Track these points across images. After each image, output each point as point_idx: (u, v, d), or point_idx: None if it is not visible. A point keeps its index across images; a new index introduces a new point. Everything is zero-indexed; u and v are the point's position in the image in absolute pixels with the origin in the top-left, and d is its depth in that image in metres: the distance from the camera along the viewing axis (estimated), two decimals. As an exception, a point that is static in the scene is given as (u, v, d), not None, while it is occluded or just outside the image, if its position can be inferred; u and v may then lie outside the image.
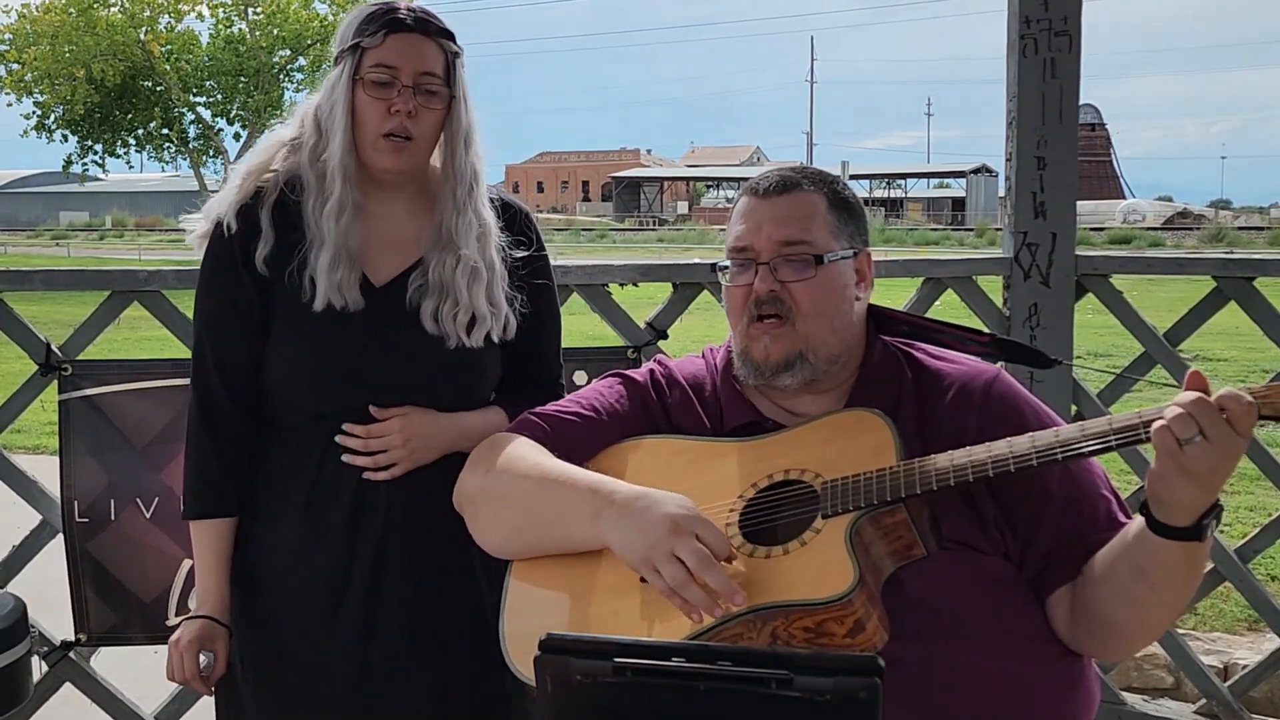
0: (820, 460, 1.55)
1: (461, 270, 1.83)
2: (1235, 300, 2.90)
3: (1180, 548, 1.37)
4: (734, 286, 1.67)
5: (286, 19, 26.34)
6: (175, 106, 27.20)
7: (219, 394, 1.86)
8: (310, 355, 1.82)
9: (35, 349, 2.62)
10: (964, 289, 3.05)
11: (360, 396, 1.83)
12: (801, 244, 1.63)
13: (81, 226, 56.05)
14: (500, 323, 1.88)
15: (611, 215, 63.41)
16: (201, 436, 1.88)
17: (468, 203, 1.85)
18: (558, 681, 1.23)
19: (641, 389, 1.78)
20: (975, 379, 1.66)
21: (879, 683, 1.14)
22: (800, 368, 1.63)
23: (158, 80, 26.36)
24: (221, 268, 1.85)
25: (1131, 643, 1.56)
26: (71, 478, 2.61)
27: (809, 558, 1.44)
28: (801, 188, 1.66)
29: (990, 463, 1.43)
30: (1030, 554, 1.55)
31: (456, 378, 1.87)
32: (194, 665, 1.86)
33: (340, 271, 1.78)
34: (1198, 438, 1.29)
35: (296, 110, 1.92)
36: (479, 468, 1.71)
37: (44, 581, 2.74)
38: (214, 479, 1.88)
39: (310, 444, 1.85)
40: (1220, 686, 3.04)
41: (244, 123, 27.34)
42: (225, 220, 1.84)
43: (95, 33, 25.04)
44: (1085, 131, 49.89)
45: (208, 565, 1.89)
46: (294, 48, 26.62)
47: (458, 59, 1.84)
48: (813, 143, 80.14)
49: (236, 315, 1.85)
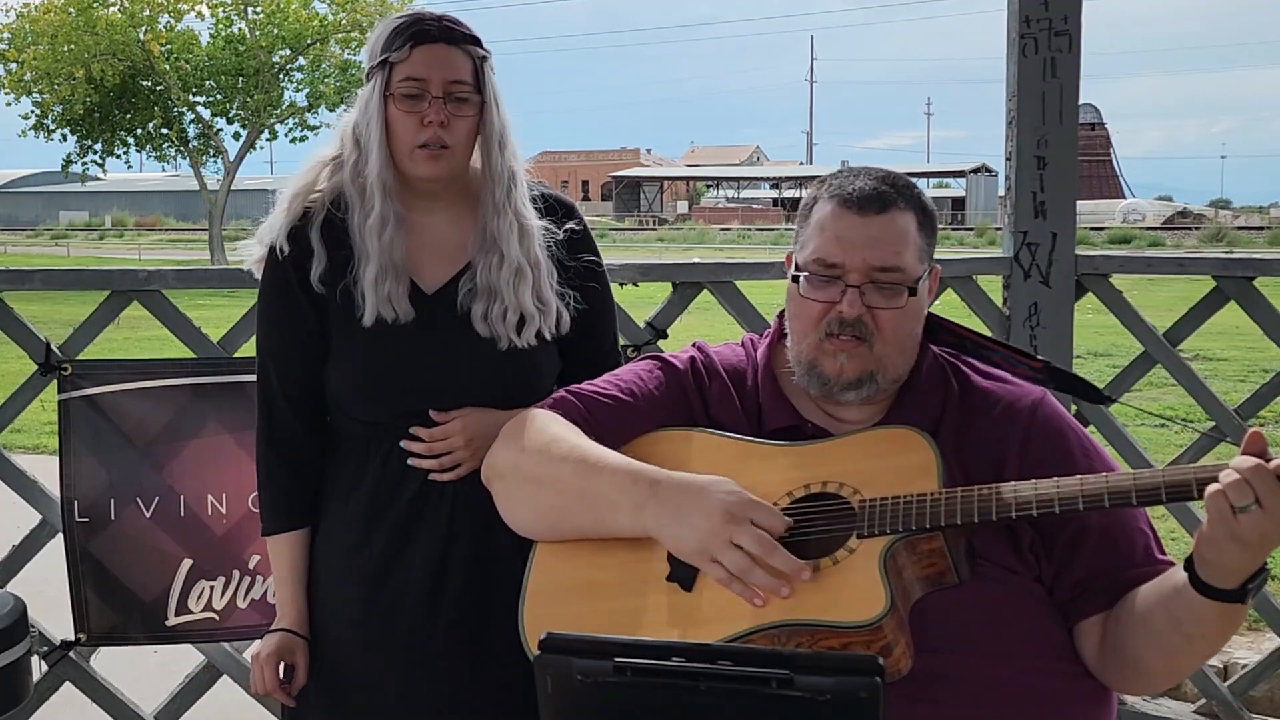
0: (860, 476, 1.51)
1: (506, 271, 1.85)
2: (1235, 300, 2.90)
3: (1221, 607, 1.36)
4: (812, 300, 1.60)
5: (286, 18, 26.28)
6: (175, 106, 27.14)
7: (284, 414, 1.92)
8: (365, 369, 1.86)
9: (35, 349, 2.62)
10: (964, 288, 3.05)
11: (418, 404, 1.86)
12: (896, 270, 1.56)
13: (81, 226, 56.05)
14: (551, 319, 1.89)
15: (611, 215, 63.37)
16: (271, 456, 1.93)
17: (506, 204, 1.87)
18: (558, 681, 1.23)
19: (681, 376, 1.73)
20: (1021, 400, 1.63)
21: (879, 682, 1.14)
22: (868, 386, 1.59)
23: (157, 80, 26.30)
24: (279, 292, 1.89)
25: (1158, 684, 1.55)
26: (71, 477, 2.61)
27: (841, 578, 1.41)
28: (897, 206, 1.59)
29: (1035, 501, 1.40)
30: (1063, 581, 1.53)
31: (511, 378, 1.88)
32: (274, 677, 1.90)
33: (388, 284, 1.82)
34: (1254, 506, 1.25)
35: (335, 128, 1.95)
36: (512, 444, 1.67)
37: (44, 581, 2.74)
38: (286, 494, 1.94)
39: (372, 451, 1.89)
40: (1220, 686, 3.04)
41: (244, 122, 27.29)
42: (277, 244, 1.87)
43: (95, 32, 24.99)
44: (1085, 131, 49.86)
45: (285, 579, 1.94)
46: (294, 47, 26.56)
47: (485, 62, 1.85)
48: (812, 142, 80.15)
49: (297, 338, 1.89)
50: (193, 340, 2.72)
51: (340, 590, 1.91)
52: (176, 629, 2.65)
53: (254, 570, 2.63)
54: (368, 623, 1.88)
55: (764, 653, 1.27)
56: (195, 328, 2.72)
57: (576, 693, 1.22)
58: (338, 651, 1.91)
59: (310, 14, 26.72)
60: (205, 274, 2.89)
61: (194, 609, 2.64)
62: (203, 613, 2.64)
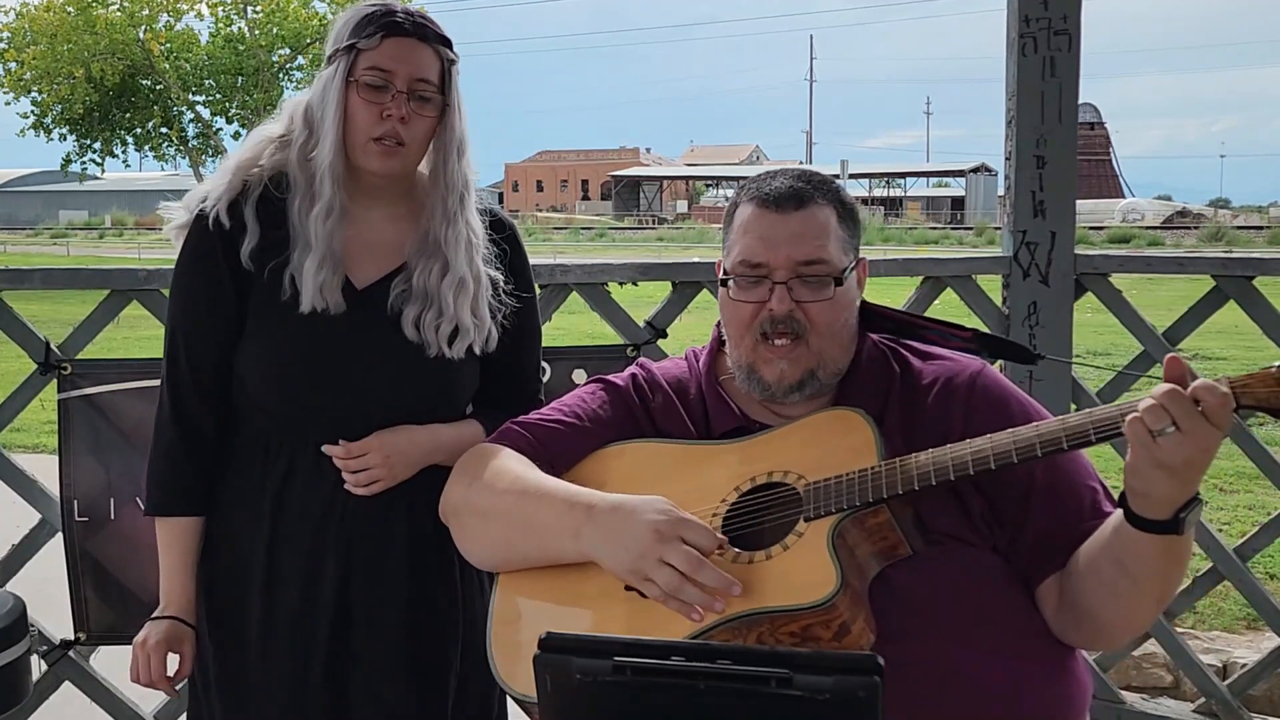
0: (803, 462, 1.54)
1: (449, 281, 1.82)
2: (1234, 299, 2.90)
3: (1159, 541, 1.37)
4: (742, 302, 1.63)
5: (286, 18, 26.30)
6: (174, 105, 27.17)
7: (190, 392, 1.85)
8: (283, 354, 1.80)
9: (34, 348, 2.62)
10: (963, 288, 3.06)
11: (332, 399, 1.81)
12: (820, 263, 1.60)
13: (81, 225, 56.01)
14: (483, 335, 1.86)
15: (611, 214, 63.36)
16: (171, 434, 1.86)
17: (459, 212, 1.84)
18: (558, 681, 1.23)
19: (624, 393, 1.76)
20: (960, 374, 1.66)
21: (879, 681, 1.14)
22: (810, 385, 1.62)
23: (157, 79, 26.32)
24: (203, 263, 1.82)
25: (1117, 635, 1.55)
26: (71, 477, 2.61)
27: (791, 562, 1.43)
28: (815, 201, 1.62)
29: (971, 460, 1.43)
30: (1018, 546, 1.55)
31: (433, 386, 1.85)
32: (161, 667, 1.85)
33: (323, 274, 1.77)
34: (1170, 429, 1.28)
35: (285, 106, 1.89)
36: (462, 480, 1.70)
37: (43, 580, 2.74)
38: (181, 477, 1.86)
39: (276, 451, 1.84)
40: (1219, 685, 3.04)
41: (243, 122, 27.30)
42: (211, 214, 1.81)
43: (94, 31, 25.01)
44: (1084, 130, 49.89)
45: (173, 565, 1.88)
46: (293, 46, 26.59)
47: (453, 66, 1.82)
48: (812, 142, 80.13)
49: (212, 310, 1.82)
50: (192, 339, 2.71)
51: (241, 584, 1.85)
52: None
53: (253, 569, 2.62)
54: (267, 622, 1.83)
55: (763, 652, 1.27)
56: (195, 327, 2.71)
57: (575, 692, 1.22)
58: (238, 645, 1.86)
59: (310, 13, 26.75)
60: (205, 273, 2.88)
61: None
62: (202, 612, 2.63)
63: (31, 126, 27.16)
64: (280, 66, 27.01)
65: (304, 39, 26.48)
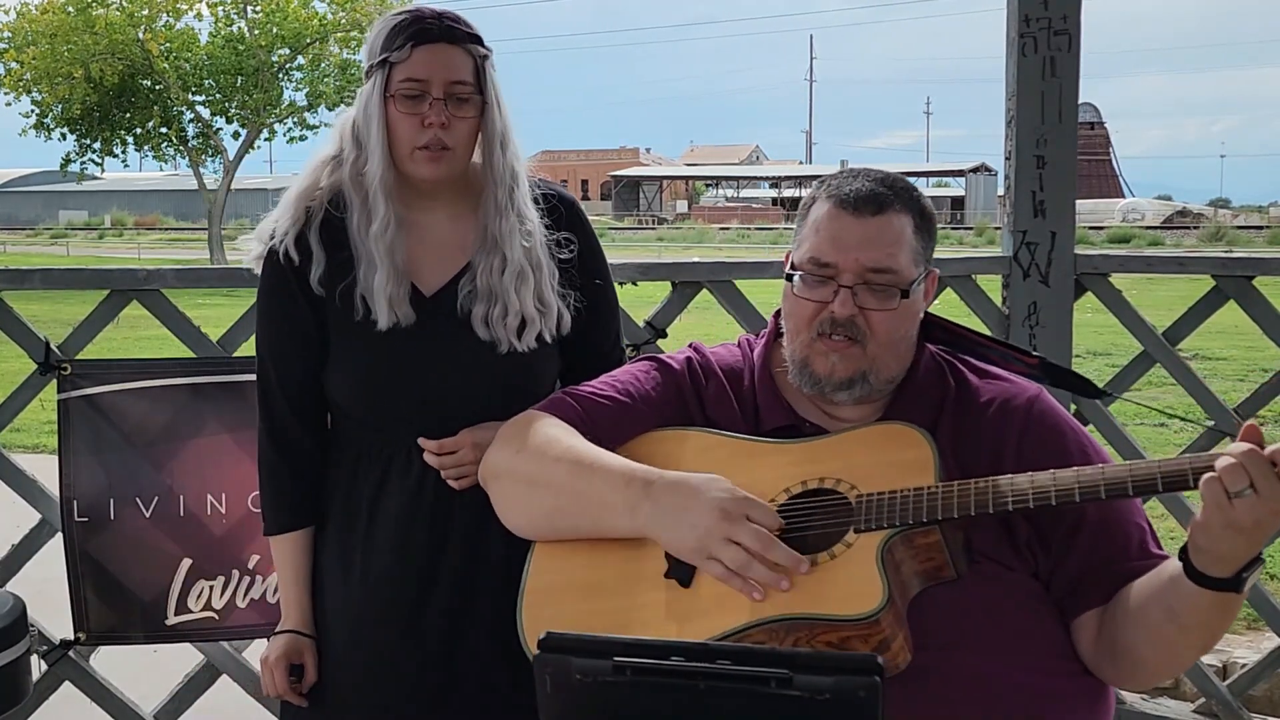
0: (857, 471, 1.52)
1: (509, 274, 1.84)
2: (1234, 299, 2.90)
3: (1216, 597, 1.36)
4: (805, 299, 1.61)
5: (286, 18, 26.26)
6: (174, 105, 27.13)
7: (284, 413, 1.91)
8: (365, 373, 1.85)
9: (34, 348, 2.62)
10: (963, 288, 3.05)
11: (418, 407, 1.85)
12: (889, 273, 1.57)
13: (80, 225, 55.99)
14: (552, 321, 1.88)
15: (611, 214, 63.34)
16: (272, 455, 1.93)
17: (509, 205, 1.85)
18: (557, 680, 1.23)
19: (678, 376, 1.74)
20: (1017, 396, 1.63)
21: (879, 681, 1.14)
22: (860, 387, 1.60)
23: (156, 79, 26.28)
24: (278, 292, 1.88)
25: (1154, 677, 1.55)
26: (71, 477, 2.61)
27: (839, 572, 1.42)
28: (894, 208, 1.59)
29: (1032, 494, 1.41)
30: (1059, 576, 1.53)
31: (510, 381, 1.87)
32: (285, 680, 1.90)
33: (391, 288, 1.80)
34: (1248, 491, 1.26)
35: (334, 126, 1.93)
36: (509, 445, 1.68)
37: (43, 580, 2.74)
38: (287, 494, 1.93)
39: (372, 456, 1.88)
40: (1219, 685, 3.03)
41: (243, 122, 27.26)
42: (281, 249, 1.85)
43: (94, 32, 24.97)
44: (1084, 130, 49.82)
45: (289, 579, 1.94)
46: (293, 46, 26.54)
47: (487, 61, 1.83)
48: (812, 141, 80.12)
49: (295, 337, 1.88)
50: (192, 340, 2.72)
51: (338, 591, 1.90)
52: (176, 628, 2.65)
53: (253, 570, 2.63)
54: (360, 626, 1.88)
55: (763, 652, 1.27)
56: (195, 327, 2.72)
57: (576, 692, 1.22)
58: (332, 652, 1.91)
59: (310, 13, 26.71)
60: (205, 273, 2.90)
61: (193, 608, 2.64)
62: (202, 612, 2.64)
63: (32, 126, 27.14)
64: (280, 66, 26.96)
65: (304, 39, 26.43)
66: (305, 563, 1.93)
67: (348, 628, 1.89)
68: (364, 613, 1.87)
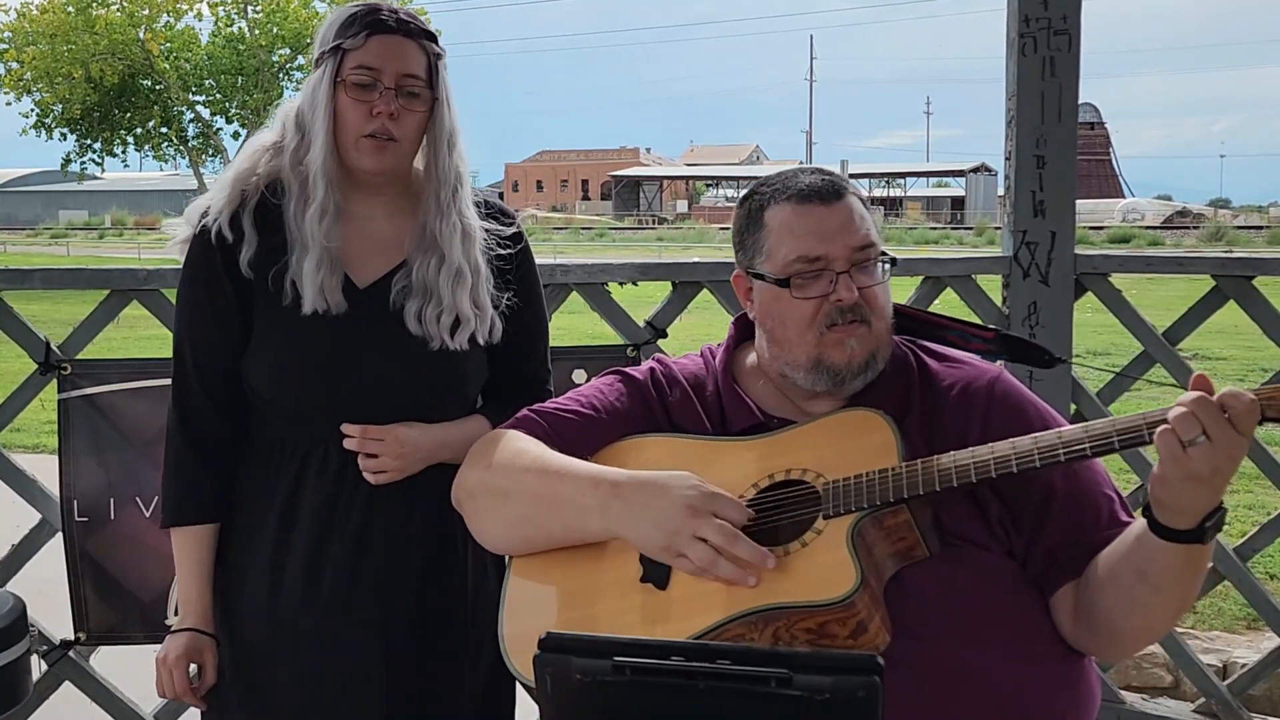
0: (822, 460, 1.54)
1: (445, 272, 1.82)
2: (1234, 299, 2.90)
3: (1182, 550, 1.37)
4: (804, 299, 1.61)
5: (286, 18, 26.31)
6: (174, 105, 27.18)
7: (200, 401, 1.86)
8: (292, 358, 1.82)
9: (35, 348, 2.62)
10: (963, 288, 3.06)
11: (342, 398, 1.82)
12: (872, 247, 1.62)
13: (81, 225, 56.02)
14: (485, 325, 1.87)
15: (611, 214, 63.34)
16: (181, 444, 1.87)
17: (451, 205, 1.85)
18: (557, 680, 1.23)
19: (641, 387, 1.76)
20: (978, 379, 1.66)
21: (878, 681, 1.14)
22: (872, 368, 1.62)
23: (157, 79, 26.33)
24: (203, 273, 1.84)
25: (1133, 643, 1.56)
26: (71, 477, 2.61)
27: (811, 559, 1.43)
28: (847, 190, 1.65)
29: (993, 462, 1.43)
30: (1033, 552, 1.55)
31: (439, 379, 1.86)
32: (184, 680, 1.87)
33: (322, 274, 1.78)
34: (1201, 439, 1.28)
35: (277, 113, 1.91)
36: (478, 463, 1.70)
37: (43, 581, 2.74)
38: (195, 486, 1.87)
39: (288, 451, 1.85)
40: (1219, 685, 3.04)
41: (243, 121, 27.32)
42: (214, 228, 1.82)
43: (94, 31, 25.02)
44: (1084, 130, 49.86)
45: (190, 575, 1.89)
46: (293, 46, 26.60)
47: (440, 60, 1.83)
48: (812, 141, 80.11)
49: (218, 321, 1.84)
50: (192, 339, 2.71)
51: (256, 590, 1.86)
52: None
53: (253, 569, 2.62)
54: (281, 625, 1.84)
55: (763, 652, 1.28)
56: (195, 327, 2.71)
57: (575, 692, 1.22)
58: (253, 652, 1.87)
59: (310, 13, 26.77)
60: (205, 273, 2.88)
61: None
62: (202, 612, 2.63)
63: (32, 126, 27.17)
64: (280, 66, 27.00)
65: (304, 39, 26.46)
66: (209, 557, 1.88)
67: (267, 629, 1.84)
68: (284, 614, 1.83)
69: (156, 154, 28.53)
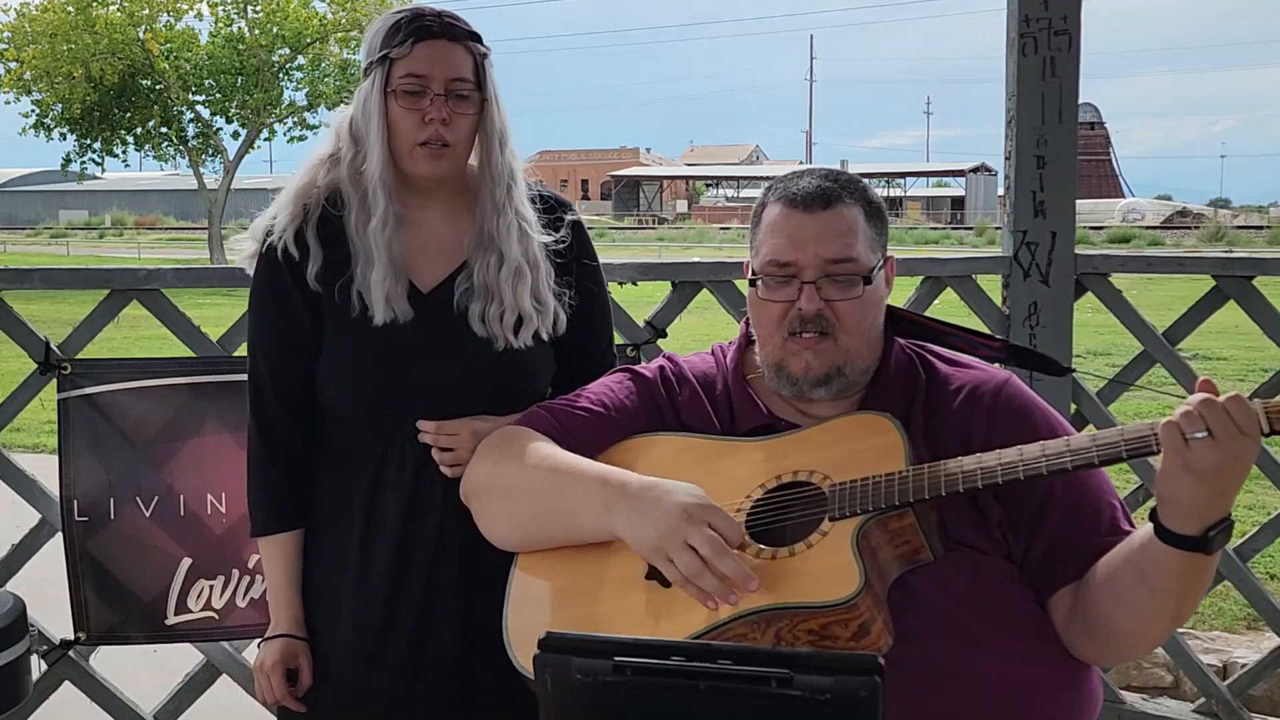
0: (829, 462, 1.54)
1: (506, 272, 1.84)
2: (1234, 299, 2.90)
3: (1184, 557, 1.37)
4: (771, 301, 1.63)
5: (286, 17, 26.26)
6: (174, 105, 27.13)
7: (276, 412, 1.90)
8: (361, 368, 1.84)
9: (35, 348, 2.62)
10: (963, 288, 3.06)
11: (414, 404, 1.84)
12: (848, 262, 1.60)
13: (81, 225, 56.02)
14: (549, 320, 1.89)
15: (611, 214, 63.33)
16: (261, 455, 1.92)
17: (507, 203, 1.86)
18: (558, 680, 1.23)
19: (651, 385, 1.76)
20: (985, 383, 1.65)
21: (879, 681, 1.14)
22: (837, 381, 1.62)
23: (157, 79, 26.28)
24: (273, 288, 1.88)
25: (1128, 648, 1.55)
26: (71, 476, 2.61)
27: (815, 560, 1.43)
28: (843, 200, 1.62)
29: (1000, 470, 1.43)
30: (1031, 555, 1.55)
31: (507, 379, 1.88)
32: (283, 686, 1.89)
33: (389, 284, 1.80)
34: (1202, 433, 1.29)
35: (331, 125, 1.93)
36: (486, 459, 1.71)
37: (43, 580, 2.74)
38: (277, 495, 1.91)
39: (365, 455, 1.87)
40: (1219, 685, 3.04)
41: (243, 121, 27.26)
42: (280, 245, 1.85)
43: (94, 31, 24.97)
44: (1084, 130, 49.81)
45: (279, 582, 1.92)
46: (294, 46, 26.54)
47: (486, 59, 1.84)
48: (812, 141, 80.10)
49: (289, 333, 1.88)
50: (192, 339, 2.72)
51: (335, 594, 1.89)
52: (176, 628, 2.65)
53: (253, 569, 2.63)
54: (361, 627, 1.87)
55: (764, 652, 1.27)
56: (195, 327, 2.72)
57: (576, 692, 1.22)
58: (333, 654, 1.90)
59: (310, 13, 26.72)
60: (205, 273, 2.90)
61: (193, 608, 2.64)
62: (202, 612, 2.64)
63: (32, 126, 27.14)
64: (280, 66, 26.95)
65: (304, 39, 26.43)
66: (296, 564, 1.92)
67: (351, 630, 1.87)
68: (367, 615, 1.86)
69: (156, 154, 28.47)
